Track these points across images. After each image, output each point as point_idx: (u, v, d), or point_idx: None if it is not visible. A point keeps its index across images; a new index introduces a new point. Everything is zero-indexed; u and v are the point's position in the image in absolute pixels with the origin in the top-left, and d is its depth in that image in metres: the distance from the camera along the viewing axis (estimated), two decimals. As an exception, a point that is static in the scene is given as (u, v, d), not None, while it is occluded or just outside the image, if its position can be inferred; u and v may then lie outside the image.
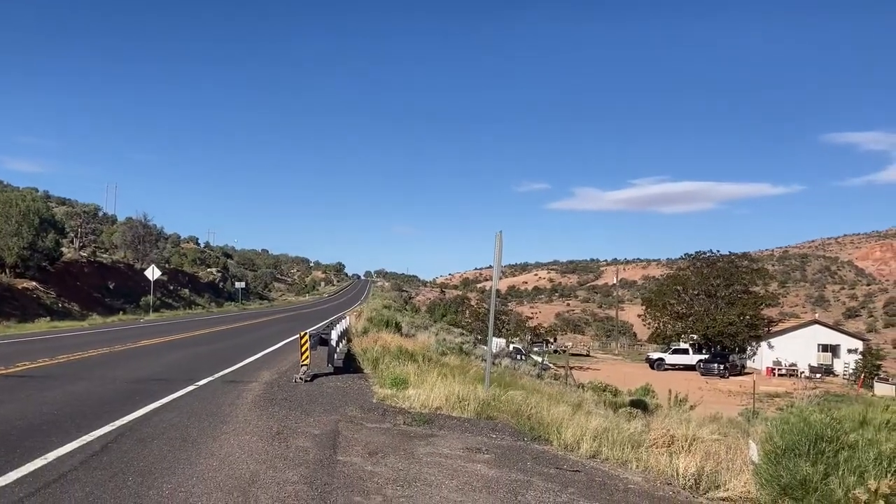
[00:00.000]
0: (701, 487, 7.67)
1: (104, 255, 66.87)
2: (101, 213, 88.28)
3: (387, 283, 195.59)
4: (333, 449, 8.15)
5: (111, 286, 57.03)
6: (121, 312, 46.59)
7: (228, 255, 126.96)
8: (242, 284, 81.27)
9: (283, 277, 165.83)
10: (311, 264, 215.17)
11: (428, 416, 10.58)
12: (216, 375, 14.38)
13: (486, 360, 15.12)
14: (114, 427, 8.78)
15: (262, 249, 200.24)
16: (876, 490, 6.53)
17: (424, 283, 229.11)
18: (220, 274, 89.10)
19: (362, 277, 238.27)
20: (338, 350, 17.18)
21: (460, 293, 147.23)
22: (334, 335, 16.50)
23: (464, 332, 50.89)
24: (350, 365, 17.00)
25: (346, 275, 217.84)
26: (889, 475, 6.77)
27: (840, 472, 6.88)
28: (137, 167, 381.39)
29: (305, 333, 14.84)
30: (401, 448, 8.40)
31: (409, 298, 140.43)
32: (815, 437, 7.19)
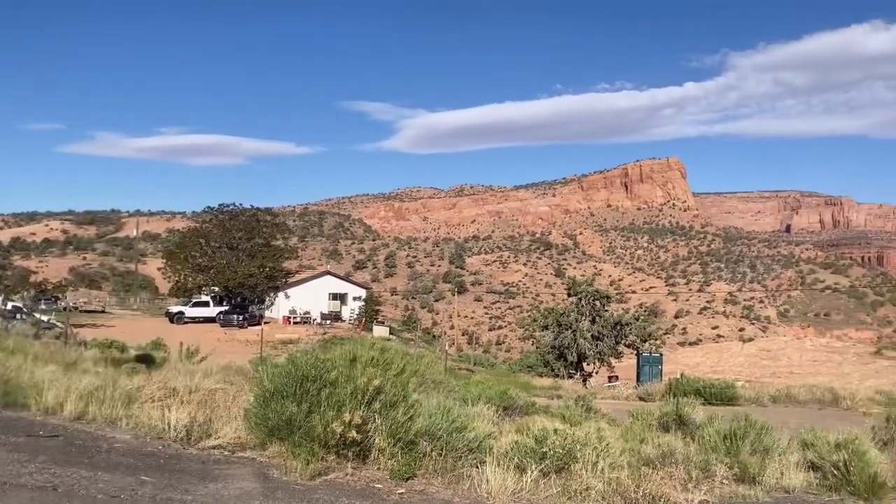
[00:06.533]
0: (192, 438, 7.57)
1: None
2: None
3: None
4: None
5: None
6: None
7: None
8: None
9: None
10: None
11: None
12: None
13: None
14: None
15: None
16: (350, 421, 7.20)
17: None
18: None
19: None
20: None
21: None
22: None
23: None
24: None
25: None
26: (361, 406, 7.50)
27: (322, 409, 7.38)
28: None
29: None
30: None
31: None
32: (301, 377, 7.59)
